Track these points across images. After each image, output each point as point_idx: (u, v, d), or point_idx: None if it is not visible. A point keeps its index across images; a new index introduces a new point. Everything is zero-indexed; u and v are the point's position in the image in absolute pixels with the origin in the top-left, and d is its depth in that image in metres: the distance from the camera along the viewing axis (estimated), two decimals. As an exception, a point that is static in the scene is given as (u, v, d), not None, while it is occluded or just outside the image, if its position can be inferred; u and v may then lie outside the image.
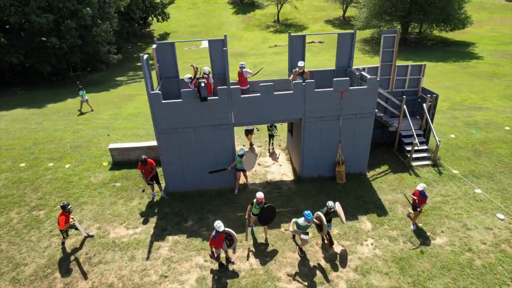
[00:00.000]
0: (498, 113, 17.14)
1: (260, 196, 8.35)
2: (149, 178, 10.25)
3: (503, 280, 7.76)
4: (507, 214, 9.79)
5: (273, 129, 12.96)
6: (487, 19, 48.76)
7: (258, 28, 52.16)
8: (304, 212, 8.06)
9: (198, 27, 53.06)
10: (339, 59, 12.06)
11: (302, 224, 8.09)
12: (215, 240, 7.62)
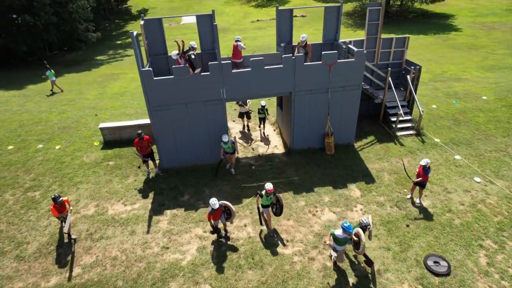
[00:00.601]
0: (476, 83, 17.83)
1: (270, 188, 7.99)
2: (145, 155, 10.36)
3: (478, 236, 8.49)
4: (483, 178, 10.51)
5: (264, 112, 12.69)
6: (466, -10, 49.21)
7: (239, 3, 50.99)
8: (343, 224, 6.99)
9: (177, 3, 51.36)
10: (325, 33, 12.20)
11: (340, 238, 7.09)
12: (212, 215, 7.96)
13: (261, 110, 12.68)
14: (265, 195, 8.18)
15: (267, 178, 10.50)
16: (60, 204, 8.27)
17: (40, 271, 7.88)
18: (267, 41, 32.38)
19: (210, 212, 7.96)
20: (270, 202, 8.38)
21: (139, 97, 17.57)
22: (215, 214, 8.02)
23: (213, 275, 7.71)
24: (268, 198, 8.27)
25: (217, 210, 7.98)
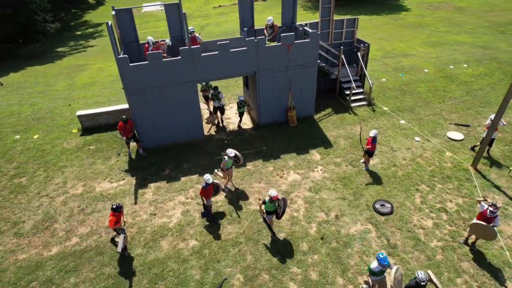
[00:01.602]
0: (420, 58, 19.90)
1: (274, 194, 7.90)
2: (128, 137, 11.14)
3: (415, 182, 10.30)
4: (421, 137, 12.39)
5: (243, 106, 12.77)
6: (415, -29, 51.87)
7: (200, -12, 50.82)
8: (378, 255, 6.58)
9: (137, -11, 50.33)
10: (284, 17, 13.44)
11: (375, 270, 6.70)
12: (205, 190, 8.69)
13: (240, 104, 12.69)
14: (269, 201, 8.06)
15: (239, 150, 11.74)
16: (119, 213, 8.04)
17: (40, 244, 8.75)
18: (230, 26, 33.09)
19: (203, 187, 8.62)
20: (274, 208, 8.25)
21: (109, 86, 18.07)
22: (208, 190, 8.71)
23: (197, 231, 8.95)
24: (272, 205, 8.15)
25: (209, 186, 8.68)
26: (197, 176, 10.76)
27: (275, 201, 8.07)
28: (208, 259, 8.22)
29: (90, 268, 8.10)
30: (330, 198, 9.89)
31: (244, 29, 12.92)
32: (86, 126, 13.13)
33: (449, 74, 17.32)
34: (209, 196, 8.88)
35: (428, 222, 9.09)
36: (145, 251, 8.48)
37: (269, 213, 8.38)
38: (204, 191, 8.71)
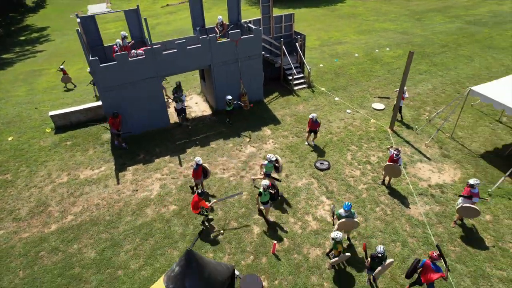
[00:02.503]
0: (352, 45, 22.97)
1: (267, 183, 9.05)
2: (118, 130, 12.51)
3: (347, 144, 12.98)
4: (352, 109, 15.18)
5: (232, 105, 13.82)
6: (349, -36, 55.95)
7: (145, -13, 50.88)
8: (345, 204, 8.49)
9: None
10: (230, 16, 15.48)
11: (342, 215, 8.51)
12: (196, 172, 10.21)
13: (228, 103, 13.75)
14: (263, 191, 9.09)
15: (202, 133, 13.77)
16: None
17: (39, 224, 10.16)
18: (180, 24, 34.35)
19: (194, 168, 10.07)
20: (268, 197, 9.29)
21: (72, 88, 18.98)
22: (198, 171, 10.18)
23: (175, 199, 10.86)
24: (266, 193, 9.19)
25: (199, 168, 10.13)
26: (169, 157, 12.59)
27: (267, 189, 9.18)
28: (187, 217, 10.21)
29: (88, 236, 9.74)
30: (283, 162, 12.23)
31: (197, 29, 14.79)
32: (59, 125, 14.30)
33: (374, 57, 20.47)
34: (199, 177, 10.31)
35: (356, 172, 11.77)
36: (133, 218, 10.25)
37: (265, 203, 9.44)
38: (194, 172, 10.17)
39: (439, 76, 18.11)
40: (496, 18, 26.70)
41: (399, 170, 10.55)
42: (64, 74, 18.74)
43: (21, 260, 9.13)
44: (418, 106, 15.47)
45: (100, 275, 8.73)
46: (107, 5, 45.47)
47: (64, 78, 18.71)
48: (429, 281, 7.32)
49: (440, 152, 12.58)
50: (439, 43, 22.32)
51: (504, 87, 11.73)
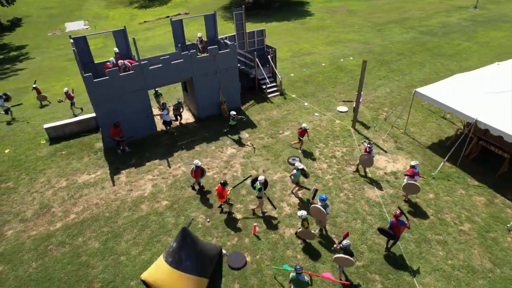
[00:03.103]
0: (320, 55, 25.23)
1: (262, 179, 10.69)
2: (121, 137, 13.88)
3: (316, 142, 14.87)
4: (319, 113, 17.15)
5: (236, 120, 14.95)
6: (317, -21, 59.33)
7: (121, 5, 52.07)
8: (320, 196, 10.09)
9: (56, 9, 49.93)
10: (208, 33, 17.26)
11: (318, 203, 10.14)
12: (195, 172, 11.81)
13: (232, 118, 14.88)
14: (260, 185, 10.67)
15: (187, 138, 15.32)
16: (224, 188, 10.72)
17: (45, 223, 11.37)
18: (159, 40, 35.86)
19: (194, 170, 11.70)
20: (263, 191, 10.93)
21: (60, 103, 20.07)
22: (197, 172, 11.78)
23: (167, 195, 12.32)
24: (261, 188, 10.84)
25: (198, 169, 11.72)
26: (158, 160, 14.05)
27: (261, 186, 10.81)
28: (178, 210, 11.69)
29: (91, 230, 11.04)
30: (258, 160, 13.95)
31: (179, 45, 16.45)
32: (53, 137, 15.46)
33: (339, 66, 22.74)
34: (198, 176, 11.98)
35: (323, 165, 13.63)
36: (130, 213, 11.63)
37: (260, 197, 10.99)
38: (194, 173, 11.85)
39: (395, 80, 20.50)
40: (445, 28, 29.82)
41: (371, 161, 12.47)
42: (38, 93, 19.69)
43: (32, 253, 10.33)
44: (377, 107, 17.65)
45: (105, 261, 10.06)
46: (84, 22, 46.42)
47: (39, 96, 19.69)
48: (399, 232, 9.46)
49: (395, 146, 14.68)
50: (396, 52, 24.92)
51: (442, 89, 14.00)
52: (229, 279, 9.54)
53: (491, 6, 36.00)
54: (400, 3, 41.83)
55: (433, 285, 9.24)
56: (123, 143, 14.26)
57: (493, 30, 28.44)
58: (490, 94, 13.04)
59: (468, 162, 13.43)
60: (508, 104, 12.30)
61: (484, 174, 12.86)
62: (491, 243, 10.30)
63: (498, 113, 12.00)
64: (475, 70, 15.62)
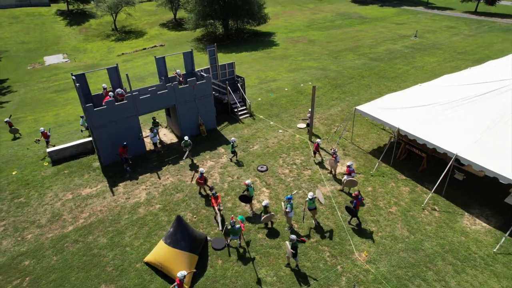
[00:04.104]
0: (283, 81, 29.08)
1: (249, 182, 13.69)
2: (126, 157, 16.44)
3: (279, 154, 18.13)
4: (283, 130, 20.58)
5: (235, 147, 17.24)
6: (282, 12, 64.99)
7: (98, 38, 54.89)
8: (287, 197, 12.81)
9: (33, 44, 51.97)
10: (186, 67, 20.55)
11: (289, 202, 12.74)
12: (200, 179, 14.55)
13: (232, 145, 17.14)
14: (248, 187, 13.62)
15: (172, 155, 18.18)
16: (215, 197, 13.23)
17: (58, 227, 13.74)
18: (138, 71, 38.77)
19: (199, 177, 14.52)
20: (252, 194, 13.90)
21: (54, 131, 22.41)
22: (201, 178, 14.49)
23: (159, 200, 15.04)
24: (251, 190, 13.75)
25: (202, 176, 14.51)
26: (149, 174, 16.76)
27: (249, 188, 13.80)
28: (170, 211, 14.43)
29: (99, 230, 13.54)
30: (233, 170, 17.00)
31: (162, 78, 19.60)
32: (55, 159, 17.85)
33: (300, 90, 26.57)
34: (202, 183, 14.72)
35: (286, 171, 16.86)
36: (130, 215, 14.24)
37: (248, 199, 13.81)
38: (198, 179, 14.65)
39: (346, 100, 24.46)
40: (390, 54, 34.85)
41: (336, 164, 15.78)
42: (10, 126, 21.71)
43: (52, 250, 12.69)
44: (330, 123, 21.34)
45: (113, 251, 12.60)
46: (63, 56, 48.75)
47: (12, 129, 21.76)
48: (357, 207, 12.94)
49: (343, 152, 18.21)
50: (348, 76, 29.22)
51: (374, 105, 17.83)
52: (214, 257, 12.33)
53: (428, 35, 41.95)
54: (354, 33, 47.36)
55: (366, 250, 12.46)
56: (127, 162, 16.81)
57: (427, 56, 33.69)
58: (410, 109, 16.94)
59: (399, 162, 17.11)
60: (422, 115, 16.17)
61: (410, 170, 16.53)
62: (410, 219, 13.74)
63: (414, 122, 15.80)
64: (402, 91, 19.73)
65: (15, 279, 11.67)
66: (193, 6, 46.51)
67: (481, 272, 11.52)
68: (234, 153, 17.56)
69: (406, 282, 11.32)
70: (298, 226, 13.59)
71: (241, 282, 11.47)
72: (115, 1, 54.30)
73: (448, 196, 14.78)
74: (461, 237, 12.85)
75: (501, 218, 13.50)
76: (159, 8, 61.58)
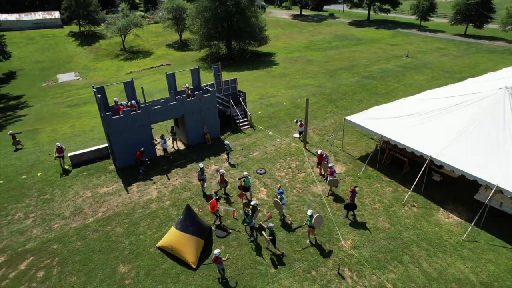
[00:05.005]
0: (282, 97, 31.35)
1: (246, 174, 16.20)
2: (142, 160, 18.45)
3: (277, 159, 20.09)
4: (280, 138, 22.62)
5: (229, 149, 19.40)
6: (282, 33, 68.40)
7: (108, 58, 57.99)
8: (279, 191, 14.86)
9: (47, 63, 55.03)
10: (193, 82, 22.86)
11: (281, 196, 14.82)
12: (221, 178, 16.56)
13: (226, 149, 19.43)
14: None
15: (180, 160, 20.16)
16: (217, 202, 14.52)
17: (80, 219, 15.58)
18: (146, 88, 41.06)
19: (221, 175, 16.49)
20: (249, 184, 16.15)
21: (71, 139, 24.51)
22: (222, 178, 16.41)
23: (169, 197, 16.91)
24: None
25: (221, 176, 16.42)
26: (160, 176, 18.69)
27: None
28: (178, 206, 16.27)
29: (116, 222, 15.36)
30: (235, 172, 18.92)
31: (172, 91, 21.87)
32: (75, 163, 19.84)
33: (297, 104, 28.78)
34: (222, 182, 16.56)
35: (282, 173, 18.77)
36: (143, 210, 16.08)
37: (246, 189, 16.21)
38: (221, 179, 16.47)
39: (339, 114, 26.59)
40: (383, 73, 37.30)
41: (327, 166, 17.67)
42: (13, 139, 23.49)
43: (76, 237, 14.50)
44: (323, 133, 23.38)
45: (129, 239, 14.39)
46: (75, 74, 51.64)
47: (15, 142, 23.55)
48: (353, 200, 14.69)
49: (334, 158, 20.14)
50: (342, 92, 31.51)
51: (362, 116, 19.91)
52: (217, 244, 14.10)
53: (419, 55, 44.62)
54: (350, 53, 50.17)
55: (351, 238, 14.21)
56: (143, 164, 18.76)
57: (417, 74, 36.12)
58: (393, 119, 18.99)
59: (384, 166, 19.01)
60: (403, 124, 18.18)
61: (394, 174, 18.41)
62: (391, 213, 15.53)
63: (395, 130, 17.81)
64: (388, 103, 21.87)
65: (46, 259, 13.45)
66: (198, 28, 49.62)
67: (450, 255, 13.23)
68: (228, 155, 19.68)
69: (385, 264, 13.02)
70: (292, 219, 15.39)
71: (241, 263, 13.20)
72: (124, 23, 57.84)
73: (427, 195, 16.60)
74: (435, 228, 14.60)
75: (471, 212, 15.27)
76: (165, 30, 64.94)
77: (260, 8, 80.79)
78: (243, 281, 12.51)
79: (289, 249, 13.79)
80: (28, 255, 13.72)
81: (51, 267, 13.16)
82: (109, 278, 12.68)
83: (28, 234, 14.83)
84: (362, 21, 75.56)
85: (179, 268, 12.97)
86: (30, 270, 13.08)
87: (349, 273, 12.71)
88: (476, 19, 54.15)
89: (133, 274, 12.82)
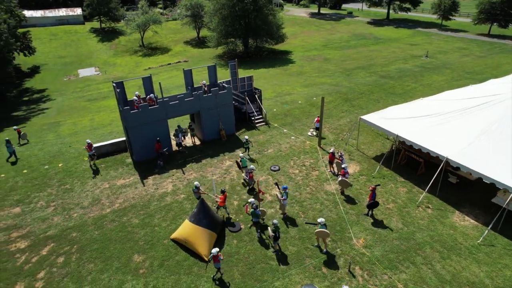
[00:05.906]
0: (298, 95, 31.33)
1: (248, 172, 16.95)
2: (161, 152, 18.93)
3: (291, 157, 20.15)
4: (295, 137, 22.66)
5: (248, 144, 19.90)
6: (299, 32, 68.09)
7: (127, 54, 59.18)
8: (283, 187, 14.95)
9: (69, 58, 56.60)
10: (210, 79, 23.14)
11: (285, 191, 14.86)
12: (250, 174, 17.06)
13: (245, 143, 19.91)
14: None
15: (195, 155, 20.49)
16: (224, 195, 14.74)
17: (98, 209, 16.09)
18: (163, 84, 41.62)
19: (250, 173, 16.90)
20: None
21: (91, 132, 25.25)
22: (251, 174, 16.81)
23: (183, 191, 17.24)
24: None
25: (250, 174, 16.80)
26: (175, 170, 19.06)
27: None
28: (192, 200, 16.57)
29: (132, 213, 15.80)
30: (249, 168, 19.11)
31: (189, 87, 22.21)
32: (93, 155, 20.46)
33: (312, 103, 28.70)
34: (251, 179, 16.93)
35: (296, 171, 18.82)
36: (158, 202, 16.47)
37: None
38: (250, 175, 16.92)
39: (355, 113, 26.37)
40: (400, 73, 36.71)
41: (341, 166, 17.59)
42: (19, 133, 23.65)
43: (93, 226, 15.01)
44: (338, 132, 23.28)
45: (144, 230, 14.79)
46: (95, 69, 52.92)
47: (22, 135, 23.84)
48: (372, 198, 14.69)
49: (349, 157, 20.06)
50: (358, 91, 31.21)
51: (378, 116, 19.72)
52: (230, 238, 14.33)
53: (439, 56, 43.65)
54: (368, 52, 49.54)
55: (363, 237, 14.18)
56: (162, 156, 19.18)
57: (436, 75, 35.38)
58: (409, 119, 18.75)
59: (399, 167, 18.81)
60: (419, 124, 17.94)
61: (409, 174, 18.19)
62: (405, 214, 15.39)
63: (412, 130, 17.59)
64: (405, 103, 21.58)
65: (65, 246, 14.00)
66: (216, 25, 49.97)
67: (465, 259, 13.04)
68: (247, 149, 19.92)
69: (397, 264, 12.95)
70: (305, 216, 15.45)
71: (252, 258, 13.39)
72: (143, 20, 58.84)
73: (442, 196, 16.35)
74: (450, 230, 14.39)
75: (488, 216, 14.96)
76: (183, 27, 65.73)
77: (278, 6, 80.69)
78: (254, 275, 12.68)
79: (300, 246, 13.88)
80: (49, 242, 14.30)
81: (70, 254, 13.68)
82: (124, 266, 13.09)
83: (50, 221, 15.44)
84: (381, 20, 74.41)
85: (192, 260, 13.26)
86: (51, 256, 13.64)
87: (360, 272, 12.71)
88: (501, 18, 52.52)
89: (147, 264, 13.19)
